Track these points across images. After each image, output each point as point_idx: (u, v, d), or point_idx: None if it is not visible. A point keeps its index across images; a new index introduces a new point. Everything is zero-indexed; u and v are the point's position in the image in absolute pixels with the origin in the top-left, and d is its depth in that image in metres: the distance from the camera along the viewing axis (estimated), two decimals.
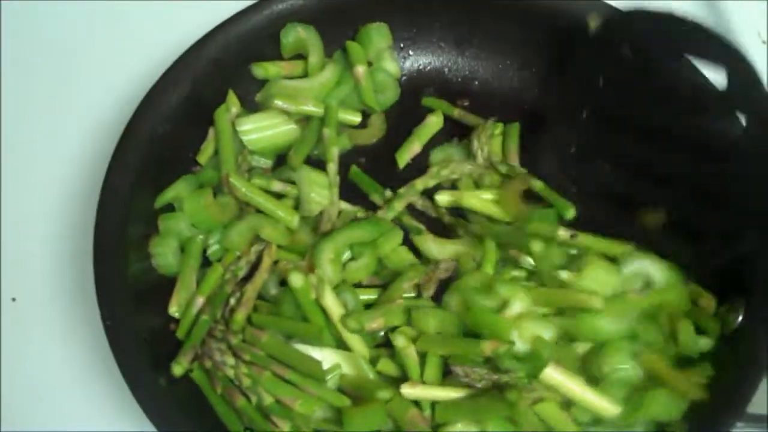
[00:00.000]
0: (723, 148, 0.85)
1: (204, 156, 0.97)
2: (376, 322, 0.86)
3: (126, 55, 1.09)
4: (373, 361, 0.86)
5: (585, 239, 0.89)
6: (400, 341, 0.84)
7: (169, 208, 0.93)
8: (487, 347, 0.81)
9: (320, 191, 0.94)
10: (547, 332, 0.83)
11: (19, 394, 0.92)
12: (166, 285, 0.90)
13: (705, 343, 0.83)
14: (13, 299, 0.96)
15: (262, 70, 0.99)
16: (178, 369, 0.85)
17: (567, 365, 0.81)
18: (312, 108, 0.97)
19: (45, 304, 0.96)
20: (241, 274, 0.90)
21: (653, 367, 0.82)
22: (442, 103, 1.03)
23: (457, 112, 1.02)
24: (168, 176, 0.94)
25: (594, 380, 0.82)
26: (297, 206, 0.94)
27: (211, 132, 0.97)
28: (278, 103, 0.96)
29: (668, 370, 0.82)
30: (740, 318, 0.82)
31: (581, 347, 0.85)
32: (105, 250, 0.85)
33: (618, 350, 0.83)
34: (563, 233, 0.89)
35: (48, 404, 0.92)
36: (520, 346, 0.82)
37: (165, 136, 0.92)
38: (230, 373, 0.83)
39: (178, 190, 0.93)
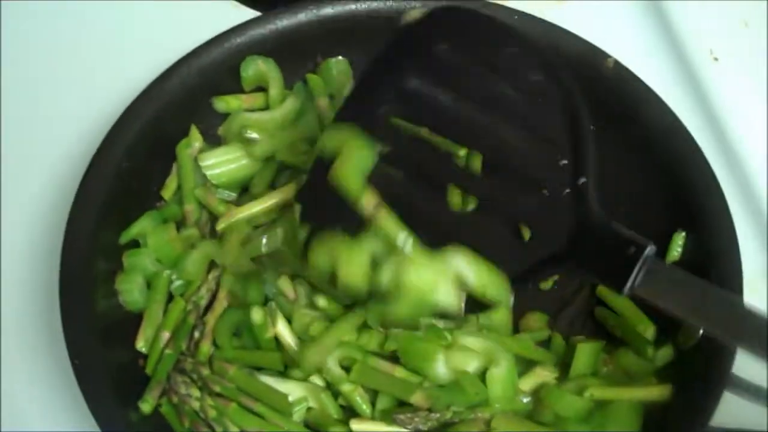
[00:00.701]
0: None
1: (168, 191, 0.97)
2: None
3: (87, 90, 1.09)
4: (335, 395, 0.86)
5: None
6: (346, 387, 0.84)
7: (134, 244, 0.93)
8: (419, 398, 0.81)
9: None
10: (473, 364, 0.83)
11: None
12: (134, 321, 0.90)
13: (664, 355, 0.85)
14: None
15: (223, 103, 1.00)
16: (146, 406, 0.85)
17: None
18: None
19: (10, 342, 0.96)
20: (203, 303, 0.91)
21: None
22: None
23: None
24: (133, 211, 0.94)
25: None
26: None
27: (174, 167, 0.98)
28: (250, 134, 0.97)
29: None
30: (700, 332, 0.84)
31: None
32: (71, 287, 0.85)
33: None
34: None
35: None
36: (444, 374, 0.83)
37: (129, 170, 0.92)
38: (196, 405, 0.84)
39: (143, 226, 0.93)
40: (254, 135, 0.96)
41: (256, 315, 0.86)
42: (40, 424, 0.92)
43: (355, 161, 0.77)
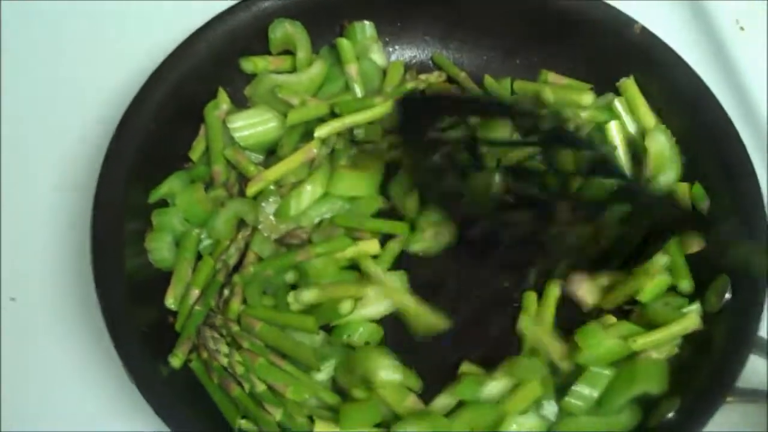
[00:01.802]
0: None
1: (196, 152, 0.98)
2: None
3: (116, 55, 1.10)
4: None
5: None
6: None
7: (163, 203, 0.94)
8: None
9: None
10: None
11: (20, 393, 0.92)
12: (163, 279, 0.91)
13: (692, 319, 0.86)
14: (12, 299, 0.97)
15: (250, 64, 1.00)
16: (175, 361, 0.86)
17: None
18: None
19: (45, 303, 0.96)
20: (232, 262, 0.92)
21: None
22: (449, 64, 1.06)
23: (462, 76, 1.04)
24: (161, 173, 0.94)
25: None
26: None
27: (202, 128, 0.99)
28: (282, 97, 0.97)
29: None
30: (727, 295, 0.84)
31: None
32: (102, 246, 0.85)
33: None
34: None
35: (50, 402, 0.92)
36: None
37: (156, 133, 0.92)
38: (224, 361, 0.85)
39: (171, 186, 0.94)
40: (293, 100, 0.97)
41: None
42: (74, 382, 0.93)
43: None
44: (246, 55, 1.00)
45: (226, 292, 0.90)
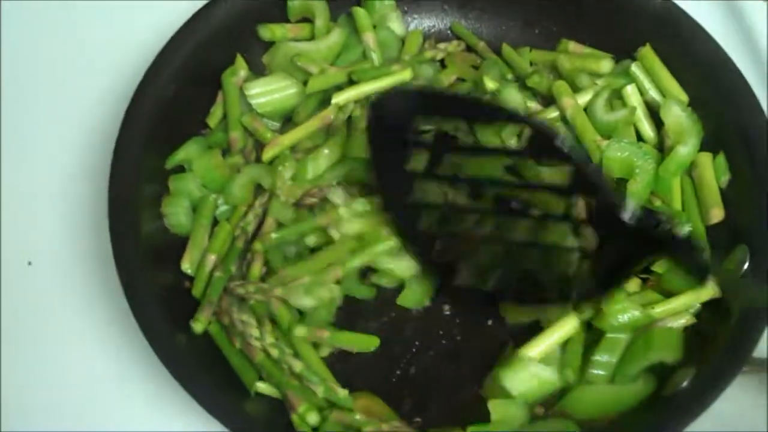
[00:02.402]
0: None
1: (213, 118, 0.98)
2: None
3: (135, 21, 1.10)
4: None
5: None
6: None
7: (180, 169, 0.94)
8: None
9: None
10: None
11: (38, 358, 0.93)
12: (179, 244, 0.91)
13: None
14: (29, 263, 0.97)
15: (268, 32, 0.99)
16: (198, 326, 0.86)
17: None
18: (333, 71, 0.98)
19: (61, 267, 0.97)
20: (251, 228, 0.92)
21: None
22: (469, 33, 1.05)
23: (481, 46, 1.04)
24: (178, 138, 0.95)
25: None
26: None
27: (219, 95, 0.99)
28: (301, 64, 0.97)
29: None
30: (745, 266, 0.84)
31: None
32: (119, 209, 0.86)
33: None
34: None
35: (67, 366, 0.93)
36: None
37: (174, 98, 0.93)
38: (255, 335, 0.85)
39: (188, 152, 0.94)
40: (312, 68, 0.97)
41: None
42: (90, 348, 0.93)
43: None
44: (264, 22, 1.00)
45: (248, 256, 0.90)
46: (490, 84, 0.97)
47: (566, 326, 0.85)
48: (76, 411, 0.90)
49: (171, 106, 0.93)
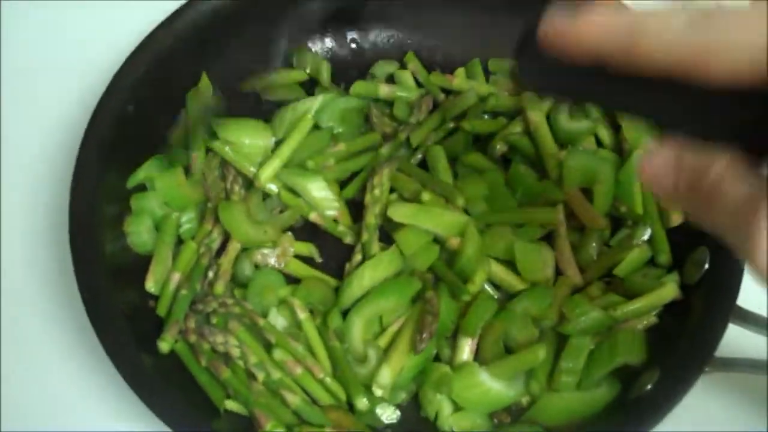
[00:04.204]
0: None
1: (175, 138, 0.97)
2: None
3: (95, 33, 1.10)
4: None
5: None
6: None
7: (142, 188, 0.94)
8: None
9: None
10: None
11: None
12: (143, 263, 0.91)
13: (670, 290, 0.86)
14: None
15: None
16: (164, 345, 0.85)
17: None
18: None
19: (21, 287, 0.96)
20: (215, 245, 0.92)
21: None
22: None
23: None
24: (140, 155, 0.94)
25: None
26: None
27: (182, 112, 0.98)
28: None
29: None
30: (705, 267, 0.85)
31: None
32: (80, 229, 0.85)
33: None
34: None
35: (27, 383, 0.92)
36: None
37: (135, 114, 0.92)
38: (221, 348, 0.85)
39: (150, 170, 0.93)
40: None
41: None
42: (55, 366, 0.92)
43: None
44: (227, 35, 0.99)
45: (210, 274, 0.90)
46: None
47: (533, 355, 0.84)
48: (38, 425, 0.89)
49: (131, 123, 0.92)
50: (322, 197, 0.95)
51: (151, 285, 0.89)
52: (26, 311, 0.95)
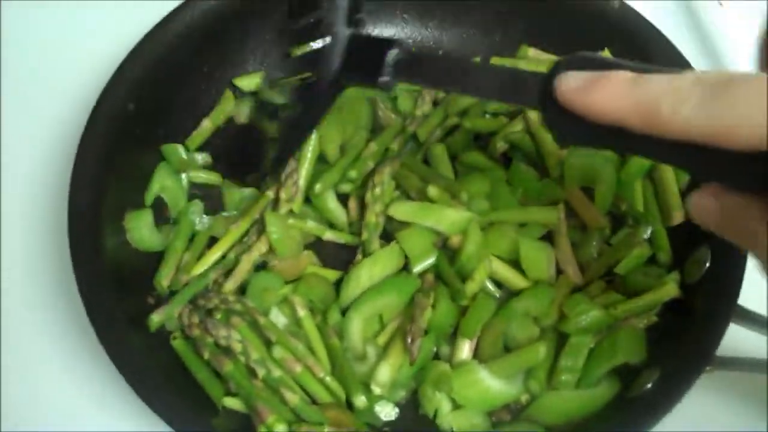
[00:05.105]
0: None
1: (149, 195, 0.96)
2: None
3: (90, 38, 1.10)
4: None
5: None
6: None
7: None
8: None
9: None
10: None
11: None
12: (143, 261, 0.91)
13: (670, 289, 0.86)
14: None
15: None
16: (155, 320, 0.86)
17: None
18: None
19: (21, 283, 0.96)
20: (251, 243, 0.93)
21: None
22: None
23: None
24: (139, 153, 0.94)
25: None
26: None
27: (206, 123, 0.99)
28: None
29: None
30: (706, 266, 0.85)
31: None
32: (80, 227, 0.84)
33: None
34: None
35: (28, 385, 0.91)
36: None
37: (135, 113, 0.92)
38: (237, 347, 0.84)
39: (161, 180, 0.95)
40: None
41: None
42: (52, 360, 0.92)
43: None
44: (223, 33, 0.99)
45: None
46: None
47: (533, 353, 0.85)
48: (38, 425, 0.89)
49: (130, 121, 0.92)
50: (334, 207, 0.95)
51: (162, 280, 0.90)
52: (26, 310, 0.94)
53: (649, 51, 0.95)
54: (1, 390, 0.90)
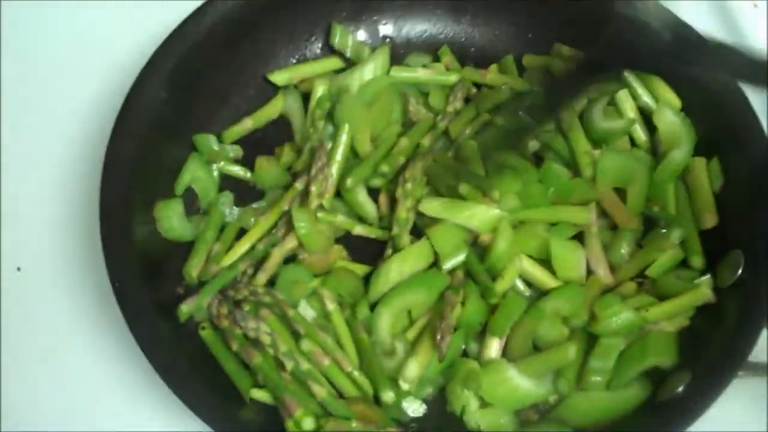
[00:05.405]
0: None
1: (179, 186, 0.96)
2: None
3: (125, 29, 1.10)
4: None
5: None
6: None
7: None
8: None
9: None
10: None
11: (25, 365, 0.92)
12: (172, 251, 0.91)
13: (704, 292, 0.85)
14: (18, 269, 0.97)
15: None
16: (185, 310, 0.87)
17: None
18: None
19: (51, 272, 0.96)
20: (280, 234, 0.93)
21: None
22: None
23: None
24: (170, 143, 0.94)
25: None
26: None
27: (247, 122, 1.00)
28: None
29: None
30: (740, 270, 0.84)
31: None
32: (111, 214, 0.85)
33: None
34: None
35: (58, 373, 0.92)
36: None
37: (167, 101, 0.92)
38: (266, 339, 0.84)
39: (193, 171, 0.95)
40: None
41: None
42: (80, 354, 0.93)
43: None
44: (254, 28, 0.99)
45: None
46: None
47: (563, 353, 0.85)
48: (68, 415, 0.90)
49: (163, 111, 0.92)
50: (365, 202, 0.95)
51: (192, 272, 0.90)
52: (55, 295, 0.95)
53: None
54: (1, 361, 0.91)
